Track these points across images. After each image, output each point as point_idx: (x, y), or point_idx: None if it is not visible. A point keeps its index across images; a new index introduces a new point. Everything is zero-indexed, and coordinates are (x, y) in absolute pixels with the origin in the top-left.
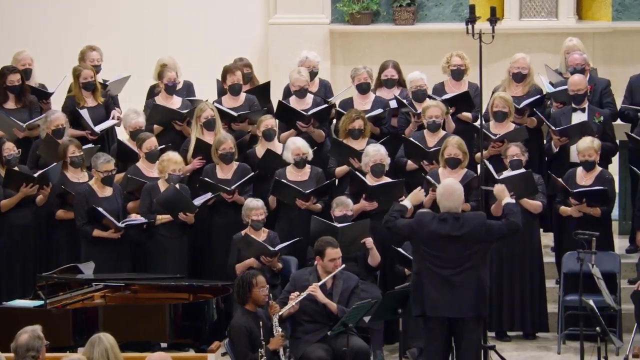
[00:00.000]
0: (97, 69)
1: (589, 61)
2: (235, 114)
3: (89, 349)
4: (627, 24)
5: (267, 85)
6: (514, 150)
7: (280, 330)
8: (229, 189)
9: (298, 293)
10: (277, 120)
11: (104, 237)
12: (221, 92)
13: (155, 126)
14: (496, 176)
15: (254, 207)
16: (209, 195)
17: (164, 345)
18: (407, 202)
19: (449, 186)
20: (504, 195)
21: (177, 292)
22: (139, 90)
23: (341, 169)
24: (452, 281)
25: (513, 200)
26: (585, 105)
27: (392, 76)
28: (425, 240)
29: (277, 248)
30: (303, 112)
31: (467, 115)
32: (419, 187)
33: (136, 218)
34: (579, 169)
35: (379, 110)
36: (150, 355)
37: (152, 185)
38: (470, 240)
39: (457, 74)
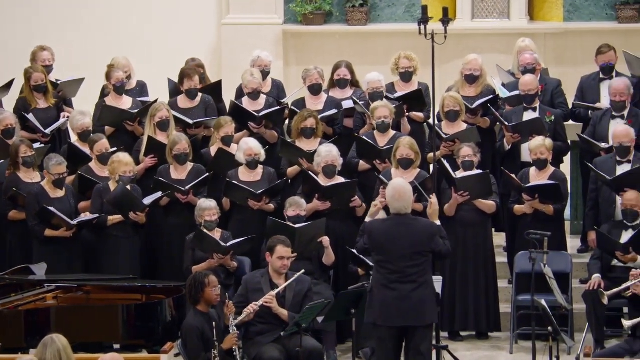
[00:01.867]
0: (48, 69)
1: (540, 61)
2: (191, 121)
3: (42, 350)
4: (578, 25)
5: (218, 83)
6: (467, 151)
7: (235, 329)
8: (183, 189)
9: (255, 304)
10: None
11: (56, 238)
12: (173, 92)
13: (106, 127)
14: (454, 175)
15: (207, 207)
16: (159, 194)
17: (116, 346)
18: (368, 218)
19: (399, 187)
20: (436, 217)
21: (130, 293)
22: (92, 92)
23: (293, 169)
24: (402, 289)
25: (439, 224)
26: (537, 105)
27: (344, 76)
28: (377, 247)
29: (229, 244)
30: (255, 113)
31: (418, 115)
32: (374, 203)
33: (87, 216)
34: (532, 169)
35: (333, 111)
36: (103, 356)
37: (103, 186)
38: (419, 246)
39: (406, 76)
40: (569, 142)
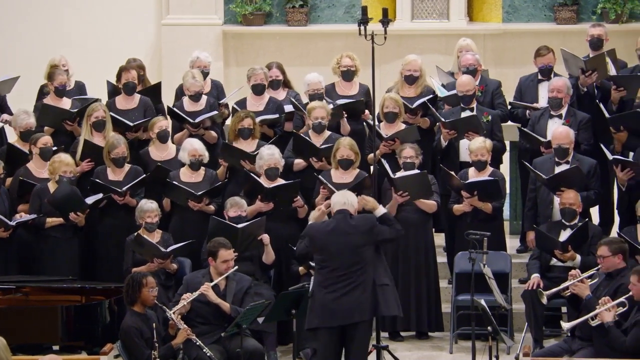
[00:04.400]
0: None
1: (481, 62)
2: (131, 124)
3: None
4: (517, 26)
5: (158, 86)
6: (409, 152)
7: (183, 323)
8: (120, 190)
9: (190, 294)
10: (170, 121)
11: None
12: (112, 94)
13: (46, 128)
14: (392, 175)
15: (149, 209)
16: (100, 195)
17: (55, 347)
18: (311, 220)
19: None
20: (376, 206)
21: (69, 294)
22: (28, 90)
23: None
24: (343, 288)
25: (384, 210)
26: (474, 105)
27: (276, 77)
28: (318, 247)
29: (169, 249)
30: (192, 117)
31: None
32: (319, 207)
33: (25, 216)
34: (471, 170)
35: (275, 116)
36: (42, 357)
37: (42, 187)
38: (359, 239)
39: (348, 75)
40: (508, 142)
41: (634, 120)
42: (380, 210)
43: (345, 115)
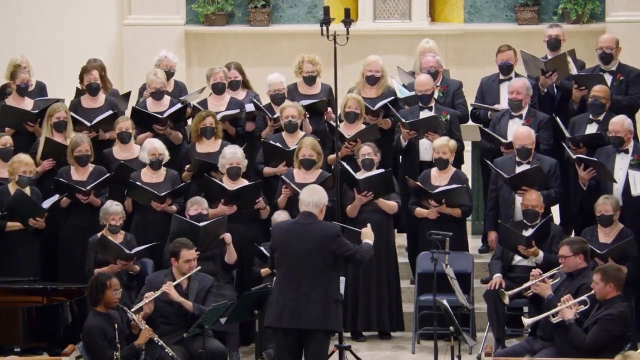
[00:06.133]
0: None
1: (442, 63)
2: (88, 123)
3: None
4: (478, 26)
5: (127, 95)
6: (366, 150)
7: (144, 323)
8: (84, 189)
9: (152, 292)
10: (132, 122)
11: None
12: (79, 94)
13: (6, 129)
14: (356, 176)
15: (114, 212)
16: (56, 197)
17: (17, 349)
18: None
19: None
20: (368, 237)
21: (31, 295)
22: None
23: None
24: (300, 290)
25: (371, 244)
26: (432, 104)
27: (235, 77)
28: (278, 246)
29: (133, 251)
30: (158, 114)
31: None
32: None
33: None
34: (433, 170)
35: (236, 110)
36: (3, 359)
37: (2, 188)
38: (318, 244)
39: (309, 80)
40: (470, 142)
41: (594, 141)
42: (368, 241)
43: (307, 115)
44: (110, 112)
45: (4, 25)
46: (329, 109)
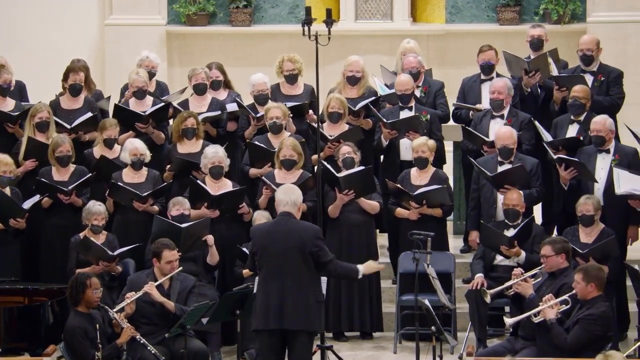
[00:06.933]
0: None
1: (424, 63)
2: (68, 126)
3: None
4: (460, 27)
5: (107, 99)
6: (346, 149)
7: (126, 322)
8: (66, 190)
9: (134, 293)
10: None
11: None
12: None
13: None
14: (337, 175)
15: (97, 212)
16: (37, 197)
17: None
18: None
19: (288, 186)
20: (365, 267)
21: (12, 296)
22: None
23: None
24: (282, 290)
25: (359, 271)
26: (412, 104)
27: (216, 77)
28: (259, 246)
29: (116, 253)
30: (141, 113)
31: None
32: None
33: None
34: (413, 170)
35: (217, 112)
36: None
37: None
38: (298, 243)
39: (291, 78)
40: (452, 142)
41: (573, 144)
42: (364, 271)
43: (291, 115)
44: (90, 114)
45: None
46: (310, 111)
